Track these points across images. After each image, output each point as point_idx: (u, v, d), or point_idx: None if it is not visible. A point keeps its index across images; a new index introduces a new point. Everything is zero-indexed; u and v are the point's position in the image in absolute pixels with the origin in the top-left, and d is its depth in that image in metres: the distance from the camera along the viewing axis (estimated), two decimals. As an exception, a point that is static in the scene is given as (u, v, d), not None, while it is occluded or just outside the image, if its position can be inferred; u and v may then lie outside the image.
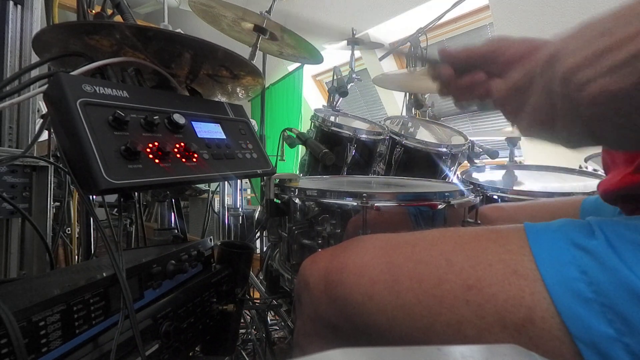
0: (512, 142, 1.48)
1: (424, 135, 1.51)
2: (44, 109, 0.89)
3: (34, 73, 0.61)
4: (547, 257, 0.34)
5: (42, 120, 0.75)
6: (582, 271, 0.32)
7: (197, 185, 2.19)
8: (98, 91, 0.43)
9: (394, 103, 3.15)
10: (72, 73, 0.45)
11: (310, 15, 2.97)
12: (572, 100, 0.30)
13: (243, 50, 0.83)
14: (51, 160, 0.90)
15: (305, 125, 2.84)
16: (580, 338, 0.30)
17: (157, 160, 0.44)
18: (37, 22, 0.93)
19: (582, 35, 0.30)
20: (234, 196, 1.39)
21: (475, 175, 1.29)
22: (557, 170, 1.27)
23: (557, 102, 0.31)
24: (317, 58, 1.32)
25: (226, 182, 1.34)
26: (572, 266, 0.32)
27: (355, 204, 0.62)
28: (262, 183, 0.78)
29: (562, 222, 0.38)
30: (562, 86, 0.30)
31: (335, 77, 1.55)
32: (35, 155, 0.90)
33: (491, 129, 2.84)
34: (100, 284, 0.44)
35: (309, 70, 3.66)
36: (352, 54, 1.86)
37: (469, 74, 0.45)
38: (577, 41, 0.30)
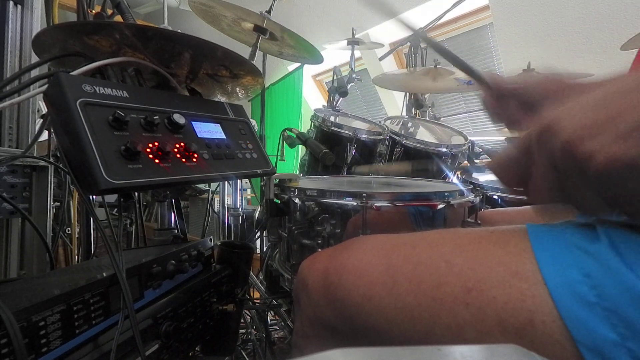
0: (513, 142, 1.47)
1: (424, 135, 1.51)
2: (44, 109, 0.89)
3: (34, 73, 0.61)
4: (550, 259, 0.34)
5: (42, 120, 0.75)
6: (585, 274, 0.31)
7: (197, 185, 2.19)
8: (98, 91, 0.43)
9: (394, 103, 3.15)
10: (72, 73, 0.45)
11: (310, 15, 2.97)
12: (581, 172, 0.29)
13: (243, 50, 0.83)
14: (51, 160, 0.90)
15: (305, 125, 2.84)
16: (583, 342, 0.30)
17: (157, 160, 0.44)
18: (37, 22, 0.93)
19: (576, 108, 0.30)
20: (234, 196, 1.39)
21: (475, 175, 1.29)
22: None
23: (563, 172, 0.31)
24: (317, 58, 1.32)
25: (226, 182, 1.34)
26: (575, 269, 0.32)
27: (355, 204, 0.62)
28: (262, 183, 0.78)
29: (566, 224, 0.37)
30: (564, 159, 0.29)
31: (335, 77, 1.55)
32: (35, 155, 0.90)
33: (491, 129, 2.84)
34: (100, 284, 0.44)
35: (309, 70, 3.66)
36: (352, 54, 1.86)
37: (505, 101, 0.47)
38: (572, 113, 0.30)
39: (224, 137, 0.57)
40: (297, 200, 0.69)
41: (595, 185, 0.29)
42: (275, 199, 0.73)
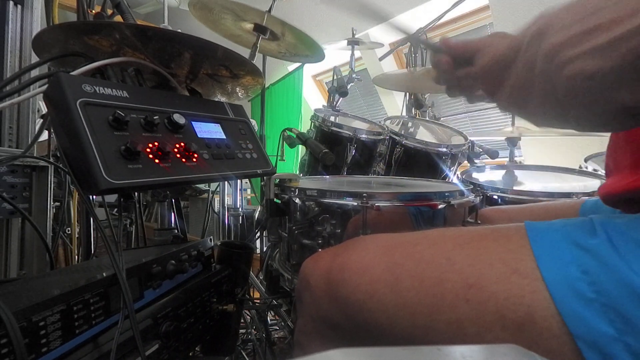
0: (512, 142, 1.47)
1: (424, 135, 1.51)
2: (44, 109, 0.89)
3: (34, 73, 0.61)
4: (548, 257, 0.34)
5: (42, 120, 0.75)
6: (583, 271, 0.32)
7: (197, 185, 2.19)
8: (98, 91, 0.43)
9: (394, 103, 3.15)
10: (72, 73, 0.45)
11: (310, 15, 2.97)
12: (551, 77, 0.30)
13: (243, 51, 0.83)
14: (51, 160, 0.90)
15: (305, 125, 2.83)
16: (581, 337, 0.30)
17: (157, 160, 0.44)
18: (37, 22, 0.93)
19: (574, 11, 0.30)
20: (234, 196, 1.39)
21: (475, 175, 1.29)
22: (557, 170, 1.27)
23: (535, 78, 0.32)
24: (318, 54, 1.31)
25: (226, 182, 1.34)
26: (573, 266, 0.32)
27: (355, 204, 0.62)
28: (262, 183, 0.78)
29: (564, 222, 0.38)
30: (544, 62, 0.31)
31: (335, 77, 1.55)
32: (35, 155, 0.90)
33: (491, 129, 2.84)
34: (100, 284, 0.44)
35: (309, 70, 3.66)
36: (352, 54, 1.86)
37: (465, 66, 0.46)
38: (567, 17, 0.30)
39: (224, 137, 0.57)
40: (297, 200, 0.69)
41: (559, 95, 0.30)
42: (275, 199, 0.73)
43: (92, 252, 0.94)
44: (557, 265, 0.33)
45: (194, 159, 0.49)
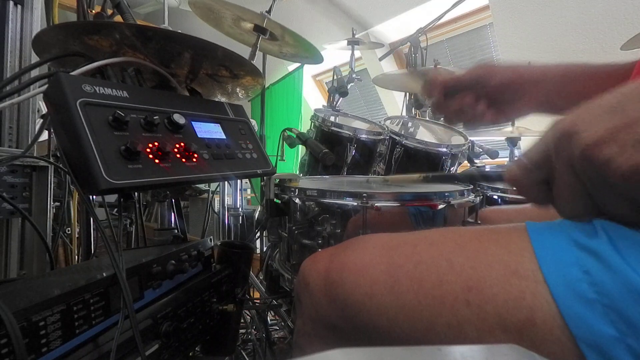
0: (512, 142, 1.47)
1: (424, 135, 1.51)
2: (44, 109, 0.89)
3: (34, 73, 0.61)
4: (550, 257, 0.34)
5: (42, 120, 0.75)
6: (585, 271, 0.31)
7: (197, 185, 2.19)
8: (98, 91, 0.43)
9: (394, 103, 3.15)
10: (72, 73, 0.45)
11: (310, 15, 2.97)
12: (601, 175, 0.29)
13: (243, 51, 0.83)
14: (51, 160, 0.90)
15: (305, 125, 2.83)
16: (582, 339, 0.30)
17: (157, 160, 0.44)
18: (37, 22, 0.93)
19: (592, 113, 0.30)
20: (234, 196, 1.39)
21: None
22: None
23: (583, 177, 0.31)
24: (317, 58, 1.32)
25: (226, 182, 1.34)
26: (574, 266, 0.32)
27: (355, 204, 0.62)
28: (262, 183, 0.78)
29: (565, 222, 0.37)
30: (584, 163, 0.30)
31: (335, 77, 1.55)
32: (35, 155, 0.90)
33: (491, 129, 2.84)
34: (100, 284, 0.44)
35: (309, 70, 3.66)
36: (352, 54, 1.86)
37: (458, 98, 0.45)
38: (588, 118, 0.30)
39: (224, 137, 0.57)
40: (297, 200, 0.69)
41: (619, 189, 0.30)
42: (275, 199, 0.73)
43: (92, 252, 0.94)
44: (558, 266, 0.33)
45: (194, 159, 0.49)
